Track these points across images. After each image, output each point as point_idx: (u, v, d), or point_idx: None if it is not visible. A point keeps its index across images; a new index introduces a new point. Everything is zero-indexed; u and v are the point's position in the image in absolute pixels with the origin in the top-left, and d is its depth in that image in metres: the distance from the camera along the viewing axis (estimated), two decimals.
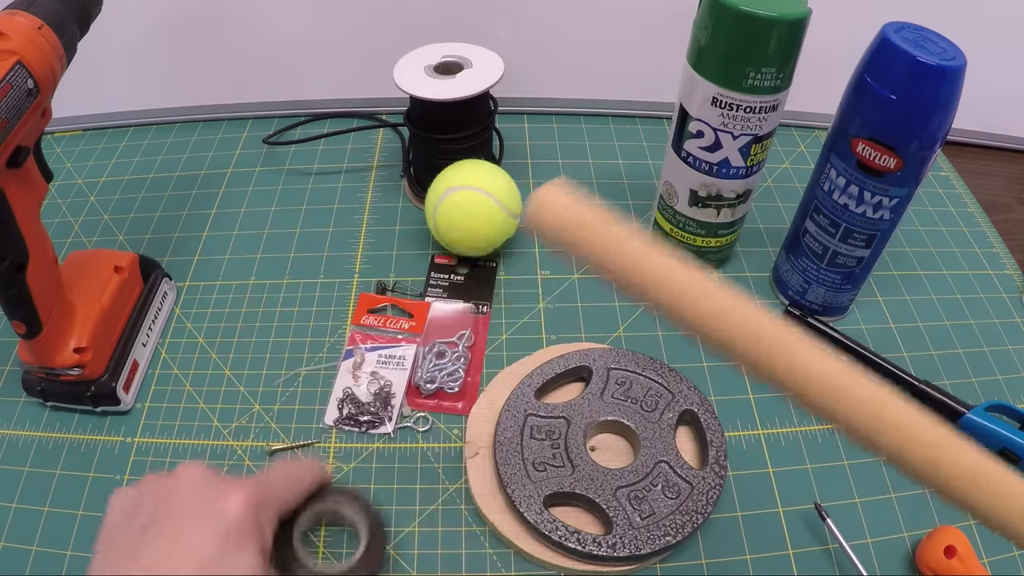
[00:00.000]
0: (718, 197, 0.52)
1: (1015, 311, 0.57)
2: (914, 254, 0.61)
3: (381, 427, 0.48)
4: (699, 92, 0.48)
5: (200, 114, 0.73)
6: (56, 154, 0.69)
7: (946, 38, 0.42)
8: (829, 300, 0.53)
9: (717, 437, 0.45)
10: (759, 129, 0.48)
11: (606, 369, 0.48)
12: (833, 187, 0.48)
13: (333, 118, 0.73)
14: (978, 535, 0.43)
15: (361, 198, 0.64)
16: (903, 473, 0.25)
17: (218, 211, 0.63)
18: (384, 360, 0.51)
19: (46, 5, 0.39)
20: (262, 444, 0.47)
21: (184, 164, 0.68)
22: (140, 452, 0.47)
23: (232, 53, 0.69)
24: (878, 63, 0.42)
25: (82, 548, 0.42)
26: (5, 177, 0.38)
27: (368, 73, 0.70)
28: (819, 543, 0.43)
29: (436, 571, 0.42)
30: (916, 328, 0.55)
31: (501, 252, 0.59)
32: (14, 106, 0.36)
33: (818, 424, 0.49)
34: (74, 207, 0.64)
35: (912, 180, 0.45)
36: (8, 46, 0.36)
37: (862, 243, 0.49)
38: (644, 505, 0.41)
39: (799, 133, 0.73)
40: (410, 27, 0.66)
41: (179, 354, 0.52)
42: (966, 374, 0.52)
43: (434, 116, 0.58)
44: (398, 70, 0.57)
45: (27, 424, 0.49)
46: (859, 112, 0.44)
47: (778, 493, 0.45)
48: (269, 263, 0.59)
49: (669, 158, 0.54)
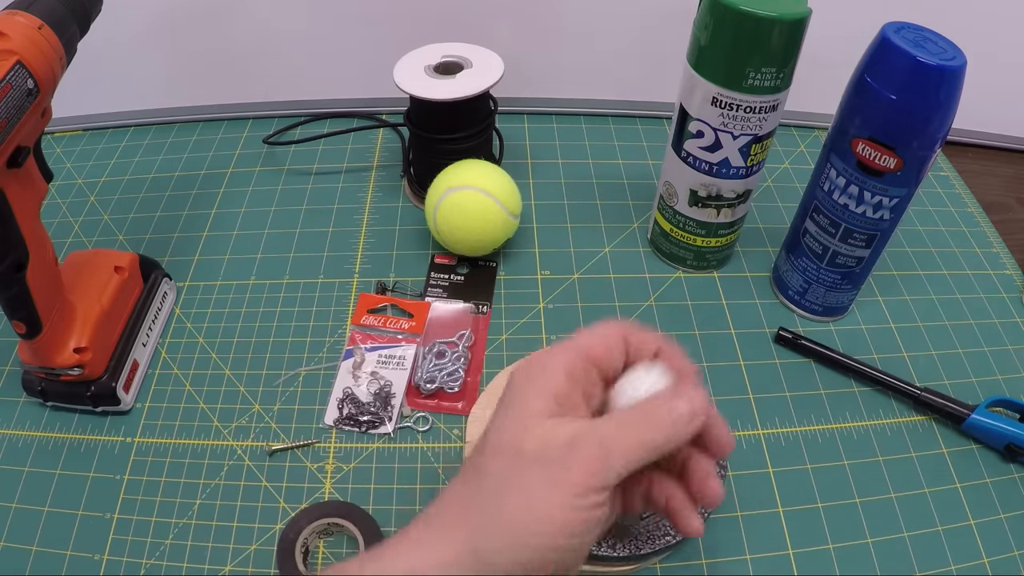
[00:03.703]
0: (718, 197, 0.52)
1: (1015, 311, 0.57)
2: (914, 254, 0.61)
3: (381, 427, 0.48)
4: (699, 92, 0.48)
5: (200, 114, 0.73)
6: (56, 154, 0.69)
7: (946, 38, 0.42)
8: (829, 300, 0.53)
9: None
10: (759, 129, 0.48)
11: None
12: (833, 187, 0.48)
13: (333, 118, 0.73)
14: (979, 534, 0.43)
15: (361, 198, 0.64)
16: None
17: (218, 211, 0.63)
18: (384, 360, 0.51)
19: (46, 5, 0.39)
20: (262, 444, 0.47)
21: (184, 164, 0.68)
22: (140, 452, 0.47)
23: (232, 53, 0.69)
24: (878, 63, 0.42)
25: (82, 548, 0.42)
26: (5, 177, 0.38)
27: (368, 73, 0.70)
28: (819, 543, 0.43)
29: None
30: (916, 328, 0.55)
31: (501, 252, 0.59)
32: (14, 106, 0.36)
33: (818, 424, 0.49)
34: (74, 207, 0.64)
35: (912, 180, 0.45)
36: (8, 46, 0.36)
37: (862, 243, 0.49)
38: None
39: (799, 133, 0.73)
40: (410, 27, 0.66)
41: (179, 354, 0.52)
42: (966, 374, 0.52)
43: (434, 116, 0.58)
44: (398, 70, 0.57)
45: (27, 424, 0.49)
46: (859, 112, 0.44)
47: (778, 493, 0.45)
48: (269, 263, 0.59)
49: (669, 158, 0.54)
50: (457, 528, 0.27)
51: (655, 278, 0.58)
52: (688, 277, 0.58)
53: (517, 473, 0.27)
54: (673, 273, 0.59)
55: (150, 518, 0.44)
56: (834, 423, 0.49)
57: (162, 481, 0.45)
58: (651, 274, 0.58)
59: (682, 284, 0.58)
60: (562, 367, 0.30)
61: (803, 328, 0.54)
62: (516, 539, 0.26)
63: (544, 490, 0.27)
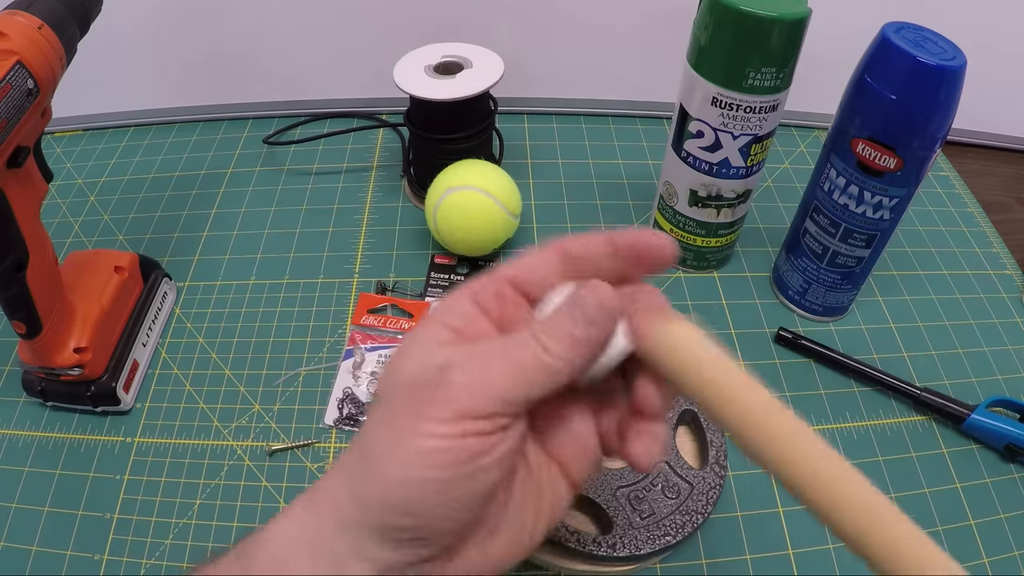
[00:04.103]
0: (718, 197, 0.52)
1: (1015, 311, 0.57)
2: (914, 254, 0.61)
3: None
4: (699, 92, 0.48)
5: (200, 114, 0.73)
6: (56, 154, 0.69)
7: (946, 38, 0.42)
8: (829, 300, 0.53)
9: (717, 437, 0.45)
10: (759, 129, 0.48)
11: None
12: (833, 187, 0.48)
13: (333, 118, 0.73)
14: (979, 534, 0.43)
15: (361, 198, 0.64)
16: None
17: (218, 211, 0.63)
18: (384, 360, 0.51)
19: (46, 5, 0.39)
20: (262, 444, 0.47)
21: (184, 164, 0.68)
22: (140, 452, 0.47)
23: (232, 53, 0.69)
24: (878, 63, 0.42)
25: (82, 548, 0.42)
26: (5, 177, 0.38)
27: (368, 73, 0.70)
28: (819, 543, 0.43)
29: None
30: (916, 328, 0.55)
31: (501, 252, 0.59)
32: (14, 106, 0.36)
33: (818, 424, 0.49)
34: (74, 207, 0.64)
35: (912, 180, 0.45)
36: (8, 46, 0.36)
37: (862, 243, 0.49)
38: (644, 505, 0.41)
39: (799, 133, 0.73)
40: (410, 27, 0.66)
41: (179, 354, 0.52)
42: (966, 374, 0.52)
43: (434, 116, 0.58)
44: (398, 70, 0.57)
45: (27, 424, 0.49)
46: (859, 112, 0.44)
47: (778, 493, 0.45)
48: (269, 263, 0.59)
49: (669, 158, 0.54)
50: (338, 475, 0.25)
51: (655, 278, 0.58)
52: (688, 277, 0.58)
53: (389, 405, 0.25)
54: (673, 273, 0.59)
55: (150, 518, 0.44)
56: (834, 423, 0.49)
57: (162, 481, 0.45)
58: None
59: (682, 284, 0.58)
60: (467, 295, 0.27)
61: (803, 328, 0.54)
62: (382, 476, 0.23)
63: (408, 419, 0.24)
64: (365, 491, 0.24)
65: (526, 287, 0.28)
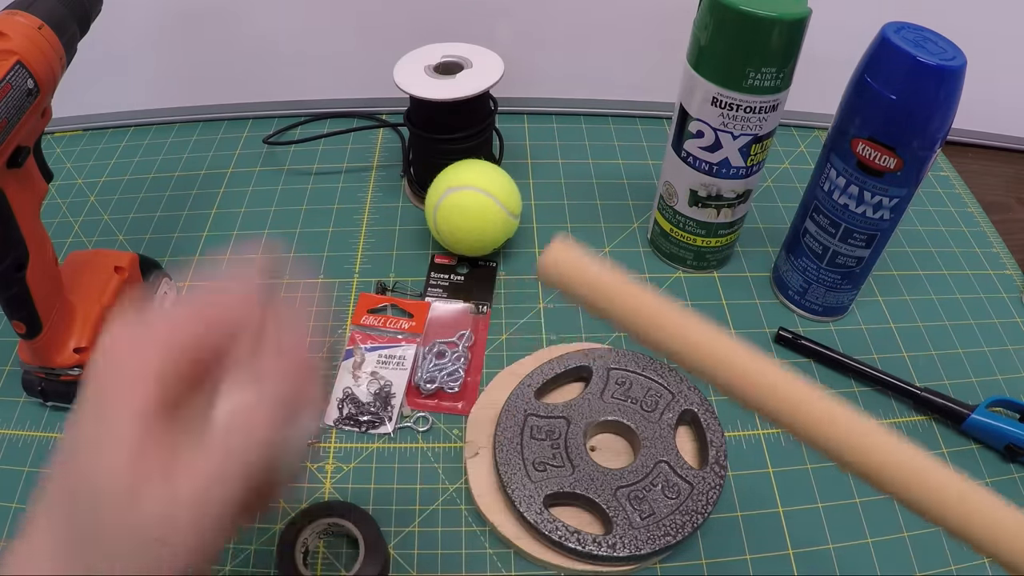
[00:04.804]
0: (718, 197, 0.52)
1: (1015, 311, 0.57)
2: (914, 254, 0.61)
3: (381, 427, 0.48)
4: (699, 92, 0.48)
5: (200, 114, 0.73)
6: (56, 154, 0.69)
7: (946, 38, 0.42)
8: (829, 300, 0.53)
9: (717, 437, 0.45)
10: (759, 129, 0.48)
11: (606, 369, 0.48)
12: (833, 187, 0.48)
13: (333, 118, 0.73)
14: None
15: (361, 198, 0.64)
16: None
17: (218, 211, 0.63)
18: (384, 360, 0.51)
19: (46, 5, 0.39)
20: None
21: (184, 164, 0.68)
22: None
23: (232, 53, 0.69)
24: (878, 63, 0.42)
25: None
26: (5, 177, 0.38)
27: (368, 73, 0.70)
28: (819, 543, 0.43)
29: (436, 571, 0.42)
30: (916, 328, 0.55)
31: (501, 252, 0.59)
32: (14, 106, 0.36)
33: None
34: (74, 207, 0.64)
35: (912, 180, 0.45)
36: (8, 46, 0.36)
37: (862, 243, 0.49)
38: (644, 505, 0.41)
39: (799, 133, 0.73)
40: (410, 27, 0.66)
41: None
42: (966, 374, 0.52)
43: (434, 116, 0.58)
44: (398, 70, 0.57)
45: (27, 424, 0.49)
46: (859, 112, 0.44)
47: (778, 493, 0.45)
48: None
49: (669, 158, 0.54)
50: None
51: (655, 278, 0.58)
52: (688, 277, 0.58)
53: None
54: (673, 273, 0.59)
55: None
56: None
57: None
58: (651, 274, 0.58)
59: (682, 284, 0.58)
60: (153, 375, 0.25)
61: (803, 328, 0.54)
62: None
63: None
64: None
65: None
